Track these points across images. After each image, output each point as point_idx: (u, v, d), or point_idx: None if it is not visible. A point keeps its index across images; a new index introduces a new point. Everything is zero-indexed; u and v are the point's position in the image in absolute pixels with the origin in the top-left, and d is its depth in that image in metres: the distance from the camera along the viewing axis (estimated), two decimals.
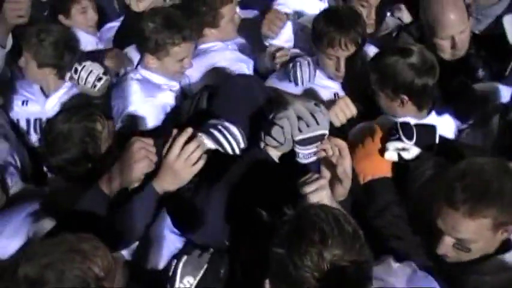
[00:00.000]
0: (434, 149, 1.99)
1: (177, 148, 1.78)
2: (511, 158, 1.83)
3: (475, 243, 1.67)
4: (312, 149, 1.82)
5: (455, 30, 2.43)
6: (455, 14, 2.42)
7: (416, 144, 1.97)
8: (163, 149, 1.80)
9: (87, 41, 3.03)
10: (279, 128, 1.80)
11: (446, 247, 1.71)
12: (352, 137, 2.12)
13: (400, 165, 2.01)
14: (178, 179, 1.81)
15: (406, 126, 2.01)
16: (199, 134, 1.83)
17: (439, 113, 2.34)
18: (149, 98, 2.55)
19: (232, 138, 1.84)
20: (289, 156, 1.87)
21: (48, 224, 1.89)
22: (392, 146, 1.98)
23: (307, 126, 1.79)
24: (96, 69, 2.63)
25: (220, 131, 1.84)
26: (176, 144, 1.78)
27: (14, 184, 2.26)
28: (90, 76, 2.61)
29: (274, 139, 1.82)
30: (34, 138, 2.71)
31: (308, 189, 1.63)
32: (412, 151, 1.98)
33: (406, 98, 2.21)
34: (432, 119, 2.29)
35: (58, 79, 2.71)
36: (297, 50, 2.81)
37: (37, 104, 2.72)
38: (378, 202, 1.91)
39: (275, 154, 1.87)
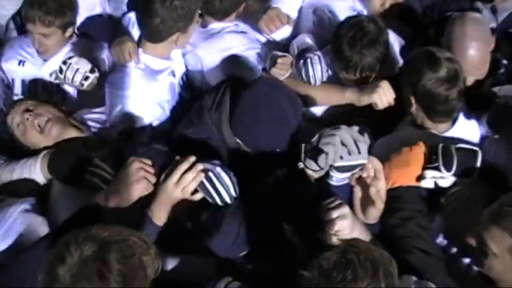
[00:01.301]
0: (474, 175, 1.95)
1: (176, 175, 1.74)
2: None
3: None
4: (346, 175, 1.81)
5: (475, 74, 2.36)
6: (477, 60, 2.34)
7: (455, 174, 1.93)
8: (162, 175, 1.76)
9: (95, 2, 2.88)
10: (324, 154, 1.75)
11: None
12: (381, 147, 2.07)
13: None
14: (174, 207, 1.77)
15: (446, 152, 1.94)
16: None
17: (466, 119, 2.30)
18: (147, 89, 2.44)
19: (222, 189, 1.78)
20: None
21: (41, 226, 1.90)
22: (430, 174, 1.94)
23: (349, 154, 1.77)
24: (83, 66, 2.45)
25: (210, 180, 1.76)
26: (176, 171, 1.74)
27: None
28: (76, 75, 2.44)
29: (317, 164, 1.77)
30: None
31: (330, 216, 1.64)
32: (449, 180, 1.95)
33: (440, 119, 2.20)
34: (459, 125, 2.26)
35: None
36: (305, 38, 2.65)
37: (34, 66, 2.63)
38: (405, 210, 1.89)
39: (312, 177, 1.83)
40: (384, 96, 2.19)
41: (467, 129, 2.28)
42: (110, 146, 2.23)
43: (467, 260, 1.84)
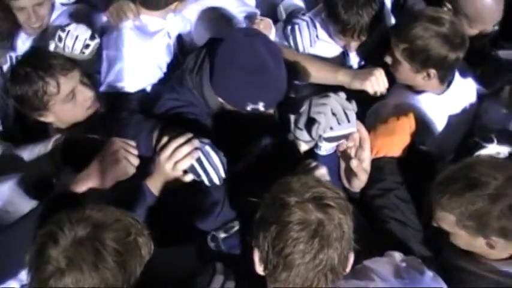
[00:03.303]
0: None
1: (169, 149, 1.73)
2: None
3: None
4: (335, 144, 1.80)
5: (491, 25, 2.33)
6: (497, 11, 2.31)
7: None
8: (157, 147, 1.75)
9: None
10: (317, 124, 1.74)
11: None
12: (372, 114, 2.10)
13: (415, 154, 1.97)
14: (168, 182, 1.77)
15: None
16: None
17: (462, 77, 2.29)
18: (144, 48, 2.41)
19: (211, 169, 1.76)
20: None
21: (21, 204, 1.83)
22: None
23: (338, 123, 1.76)
24: (82, 33, 2.38)
25: (198, 159, 1.74)
26: (170, 145, 1.73)
27: None
28: (77, 43, 2.38)
29: (310, 135, 1.76)
30: None
31: None
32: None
33: (434, 71, 2.15)
34: (455, 85, 2.24)
35: None
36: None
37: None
38: (386, 181, 1.90)
39: (302, 148, 1.84)
40: (376, 84, 2.14)
41: (464, 88, 2.27)
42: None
43: None
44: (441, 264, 1.72)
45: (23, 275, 1.65)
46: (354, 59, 2.54)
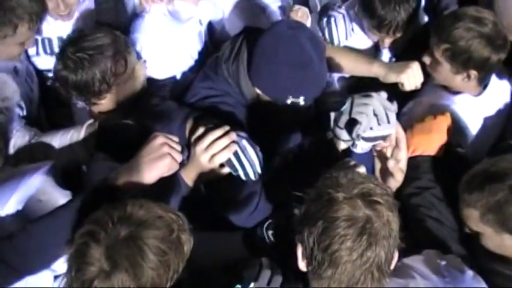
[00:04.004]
0: None
1: (207, 141, 1.72)
2: None
3: None
4: (372, 144, 1.81)
5: None
6: None
7: None
8: (191, 137, 1.73)
9: None
10: (358, 125, 1.74)
11: None
12: (405, 113, 2.11)
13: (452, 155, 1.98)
14: (202, 174, 1.76)
15: None
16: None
17: (498, 79, 2.28)
18: (176, 34, 2.37)
19: (247, 164, 1.75)
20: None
21: (55, 193, 1.82)
22: None
23: (379, 124, 1.75)
24: None
25: (235, 153, 1.74)
26: (207, 137, 1.72)
27: (17, 131, 2.15)
28: None
29: (350, 134, 1.76)
30: (44, 60, 2.55)
31: None
32: None
33: (475, 73, 2.13)
34: (491, 87, 2.24)
35: None
36: None
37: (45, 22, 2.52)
38: (422, 180, 1.90)
39: (340, 147, 1.84)
40: (412, 78, 2.11)
41: (500, 90, 2.26)
42: None
43: None
44: (477, 268, 1.71)
45: (56, 266, 1.66)
46: (386, 55, 2.53)
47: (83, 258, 1.36)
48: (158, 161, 1.63)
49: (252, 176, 1.78)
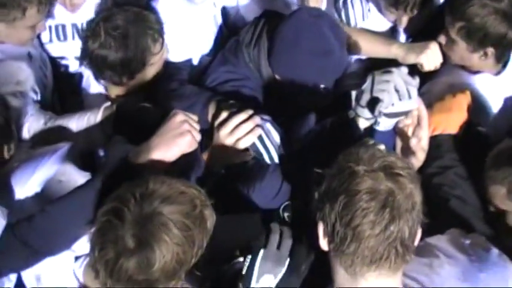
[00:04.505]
0: None
1: (231, 125, 1.72)
2: None
3: None
4: (395, 120, 1.79)
5: None
6: None
7: None
8: (215, 123, 1.73)
9: None
10: (381, 102, 1.72)
11: None
12: (424, 94, 2.05)
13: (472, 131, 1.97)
14: (226, 157, 1.77)
15: None
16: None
17: None
18: (191, 16, 2.34)
19: (271, 147, 1.77)
20: None
21: (74, 174, 1.80)
22: None
23: (400, 99, 1.74)
24: None
25: (259, 136, 1.75)
26: (232, 121, 1.72)
27: (32, 115, 2.14)
28: None
29: (372, 112, 1.74)
30: (57, 47, 2.53)
31: None
32: None
33: (492, 50, 2.12)
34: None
35: None
36: None
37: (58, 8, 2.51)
38: (444, 159, 1.89)
39: (363, 125, 1.82)
40: (432, 57, 2.10)
41: None
42: None
43: None
44: (502, 247, 1.68)
45: (77, 247, 1.66)
46: (402, 37, 2.50)
47: (106, 237, 1.35)
48: (178, 138, 1.61)
49: (276, 160, 1.78)
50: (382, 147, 1.68)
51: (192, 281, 1.57)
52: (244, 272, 1.45)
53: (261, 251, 1.45)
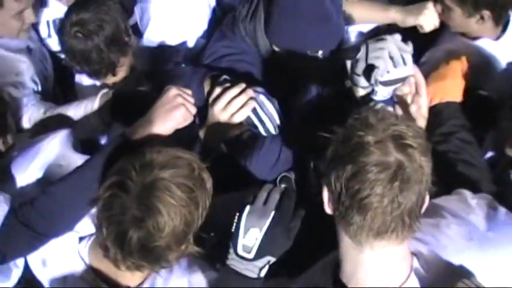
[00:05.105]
0: None
1: (224, 100, 1.74)
2: None
3: None
4: (392, 88, 1.77)
5: None
6: None
7: None
8: (210, 98, 1.74)
9: None
10: (376, 69, 1.71)
11: None
12: (424, 63, 2.08)
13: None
14: (222, 132, 1.77)
15: None
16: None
17: None
18: None
19: (266, 118, 1.78)
20: None
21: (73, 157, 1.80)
22: None
23: (395, 66, 1.72)
24: None
25: (253, 109, 1.75)
26: (225, 96, 1.73)
27: (32, 105, 2.17)
28: None
29: (368, 80, 1.73)
30: (56, 42, 2.50)
31: None
32: None
33: (488, 13, 2.10)
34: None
35: None
36: None
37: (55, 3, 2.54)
38: (446, 125, 1.88)
39: (359, 94, 1.80)
40: (430, 17, 2.10)
41: None
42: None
43: None
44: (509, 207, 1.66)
45: (80, 227, 1.65)
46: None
47: (113, 210, 1.37)
48: (173, 111, 1.62)
49: (272, 131, 1.78)
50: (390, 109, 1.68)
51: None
52: (233, 229, 1.45)
53: (247, 207, 1.45)
